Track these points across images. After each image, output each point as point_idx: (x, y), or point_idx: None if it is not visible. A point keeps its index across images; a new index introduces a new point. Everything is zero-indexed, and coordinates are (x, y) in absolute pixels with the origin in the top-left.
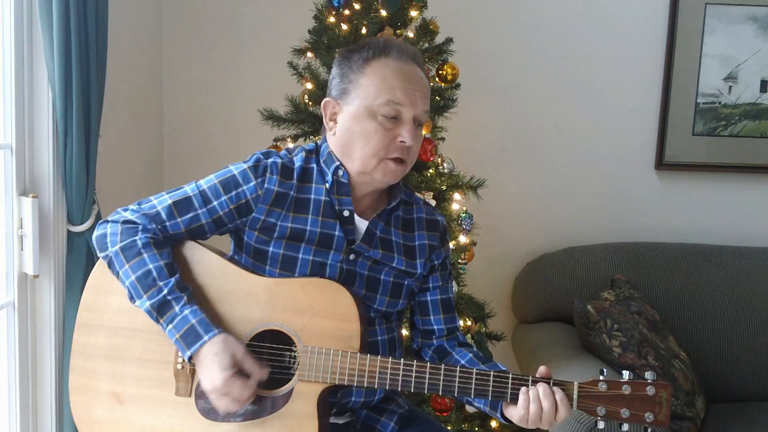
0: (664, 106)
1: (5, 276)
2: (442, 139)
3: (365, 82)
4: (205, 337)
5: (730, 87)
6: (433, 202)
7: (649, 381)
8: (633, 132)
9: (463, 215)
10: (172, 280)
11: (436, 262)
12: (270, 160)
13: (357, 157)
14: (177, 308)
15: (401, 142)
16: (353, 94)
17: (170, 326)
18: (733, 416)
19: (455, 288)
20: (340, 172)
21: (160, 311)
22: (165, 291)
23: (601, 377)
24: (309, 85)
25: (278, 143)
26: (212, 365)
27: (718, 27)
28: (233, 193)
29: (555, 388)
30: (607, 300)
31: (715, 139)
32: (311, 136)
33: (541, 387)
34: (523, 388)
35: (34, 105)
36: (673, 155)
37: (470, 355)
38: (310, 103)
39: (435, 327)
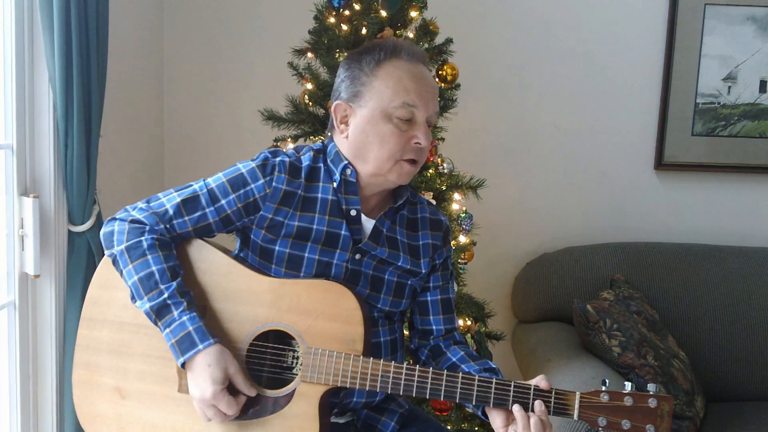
0: (663, 106)
1: (6, 276)
2: (442, 139)
3: (378, 84)
4: (200, 346)
5: (730, 87)
6: (433, 202)
7: (651, 393)
8: (632, 132)
9: (463, 215)
10: (174, 284)
11: (437, 262)
12: (278, 159)
13: (372, 159)
14: (176, 313)
15: (416, 143)
16: (366, 97)
17: (167, 330)
18: (732, 416)
19: (455, 288)
20: (348, 171)
21: (159, 314)
22: (165, 295)
23: (604, 387)
24: (309, 86)
25: (278, 143)
26: (203, 376)
27: (718, 27)
28: (241, 191)
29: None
30: (607, 300)
31: (714, 140)
32: (311, 136)
33: (518, 418)
34: (516, 406)
35: (35, 105)
36: (673, 155)
37: (462, 353)
38: (311, 103)
39: (434, 327)
